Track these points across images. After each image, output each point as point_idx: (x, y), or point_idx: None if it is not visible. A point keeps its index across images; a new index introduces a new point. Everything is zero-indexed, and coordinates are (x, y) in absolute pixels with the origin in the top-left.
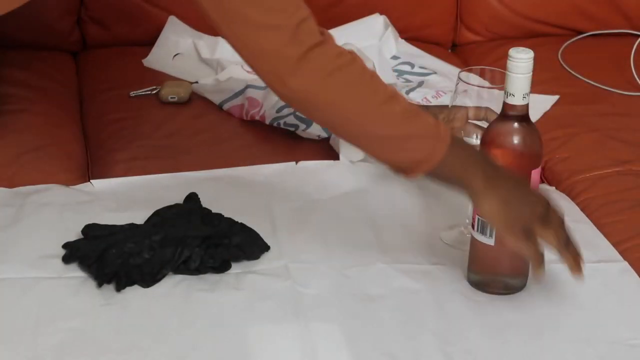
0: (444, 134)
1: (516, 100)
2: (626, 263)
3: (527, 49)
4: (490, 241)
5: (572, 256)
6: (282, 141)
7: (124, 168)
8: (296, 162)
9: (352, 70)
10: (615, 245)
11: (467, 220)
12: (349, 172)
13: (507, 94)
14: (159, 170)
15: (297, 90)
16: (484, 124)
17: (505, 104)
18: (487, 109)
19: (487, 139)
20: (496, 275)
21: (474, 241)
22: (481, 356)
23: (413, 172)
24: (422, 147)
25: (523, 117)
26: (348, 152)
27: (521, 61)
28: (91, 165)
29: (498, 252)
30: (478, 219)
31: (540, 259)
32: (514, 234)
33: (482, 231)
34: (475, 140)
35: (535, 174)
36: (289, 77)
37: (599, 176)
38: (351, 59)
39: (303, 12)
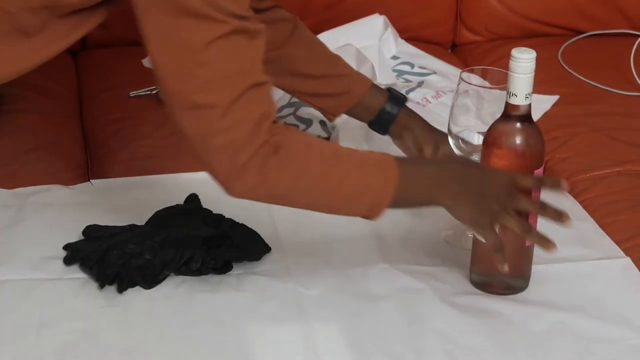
0: (391, 171)
1: (518, 100)
2: (629, 259)
3: (529, 49)
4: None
5: (537, 235)
6: None
7: (124, 168)
8: None
9: (290, 158)
10: (614, 242)
11: None
12: None
13: (509, 94)
14: (159, 170)
15: (244, 190)
16: None
17: (507, 104)
18: None
19: (490, 139)
20: (497, 275)
21: (475, 242)
22: (484, 355)
23: (372, 217)
24: (373, 194)
25: (525, 117)
26: None
27: (524, 61)
28: (91, 165)
29: None
30: None
31: (496, 246)
32: (482, 228)
33: None
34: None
35: (538, 174)
36: (234, 182)
37: (599, 176)
38: (288, 144)
39: (263, 107)
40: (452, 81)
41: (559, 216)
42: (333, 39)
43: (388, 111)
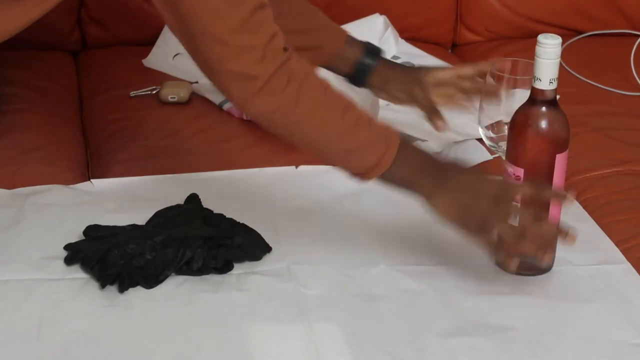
0: (393, 139)
1: (543, 85)
2: (629, 264)
3: (555, 35)
4: (514, 222)
5: (529, 246)
6: (281, 141)
7: (124, 168)
8: (296, 167)
9: (309, 90)
10: (615, 245)
11: None
12: None
13: (534, 78)
14: (159, 170)
15: (259, 113)
16: None
17: (533, 89)
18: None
19: (515, 123)
20: (521, 256)
21: None
22: (485, 355)
23: (365, 177)
24: (374, 154)
25: (550, 101)
26: None
27: (549, 47)
28: (91, 165)
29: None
30: None
31: (491, 249)
32: (468, 230)
33: None
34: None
35: (561, 158)
36: (252, 100)
37: (599, 176)
38: (304, 76)
39: (271, 28)
40: None
41: (563, 234)
42: None
43: (365, 62)
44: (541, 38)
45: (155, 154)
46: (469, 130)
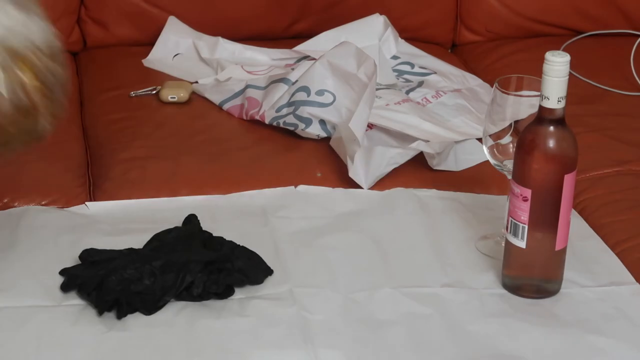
0: None
1: (551, 103)
2: (638, 285)
3: (563, 53)
4: (521, 244)
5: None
6: (282, 141)
7: (124, 168)
8: (295, 187)
9: None
10: (614, 245)
11: (503, 230)
12: (350, 196)
13: (542, 97)
14: (158, 170)
15: None
16: None
17: (540, 108)
18: None
19: (522, 142)
20: (529, 278)
21: (507, 245)
22: None
23: None
24: None
25: (558, 120)
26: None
27: (556, 64)
28: (91, 165)
29: (530, 255)
30: (511, 220)
31: None
32: None
33: (514, 234)
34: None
35: (570, 178)
36: None
37: (599, 176)
38: None
39: None
40: (452, 81)
41: None
42: (333, 39)
43: None
44: (549, 56)
45: (155, 154)
46: (469, 130)
